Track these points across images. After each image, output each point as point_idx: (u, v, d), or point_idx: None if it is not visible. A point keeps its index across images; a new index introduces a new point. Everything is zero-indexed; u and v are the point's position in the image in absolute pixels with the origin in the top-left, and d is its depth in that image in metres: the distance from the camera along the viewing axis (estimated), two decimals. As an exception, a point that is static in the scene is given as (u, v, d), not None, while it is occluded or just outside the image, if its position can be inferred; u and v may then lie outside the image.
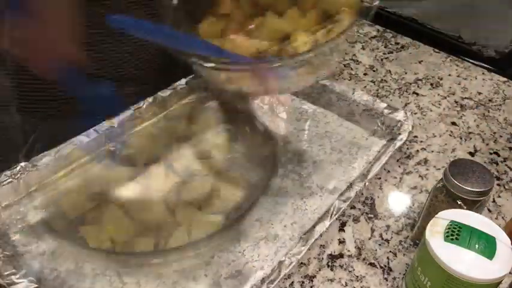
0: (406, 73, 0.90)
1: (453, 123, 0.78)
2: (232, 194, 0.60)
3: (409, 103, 0.82)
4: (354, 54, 0.94)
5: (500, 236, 0.46)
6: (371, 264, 0.56)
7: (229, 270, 0.54)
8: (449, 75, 0.90)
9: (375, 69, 0.90)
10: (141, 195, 0.60)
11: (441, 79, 0.89)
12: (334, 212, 0.56)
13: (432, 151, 0.72)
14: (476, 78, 0.90)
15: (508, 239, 0.45)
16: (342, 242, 0.58)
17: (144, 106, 0.71)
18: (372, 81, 0.87)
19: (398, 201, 0.64)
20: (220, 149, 0.67)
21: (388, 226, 0.60)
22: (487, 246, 0.44)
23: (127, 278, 0.52)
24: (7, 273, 0.48)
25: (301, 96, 0.79)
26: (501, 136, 0.76)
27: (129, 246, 0.54)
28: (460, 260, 0.43)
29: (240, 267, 0.54)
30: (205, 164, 0.64)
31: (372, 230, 0.60)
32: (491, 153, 0.73)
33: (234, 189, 0.60)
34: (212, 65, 0.49)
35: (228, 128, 0.70)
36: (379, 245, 0.58)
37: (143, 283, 0.52)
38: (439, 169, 0.69)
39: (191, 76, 0.77)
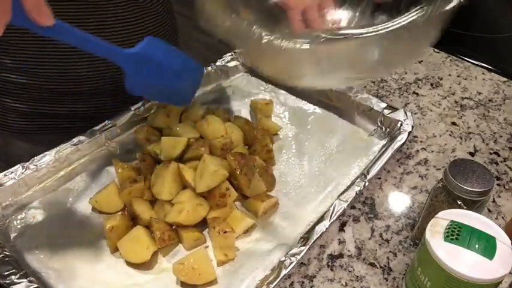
0: (406, 73, 0.90)
1: (453, 123, 0.78)
2: None
3: (409, 103, 0.82)
4: (354, 54, 0.94)
5: (500, 236, 0.45)
6: (371, 264, 0.56)
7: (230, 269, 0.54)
8: (449, 75, 0.90)
9: (375, 69, 0.90)
10: None
11: (441, 79, 0.89)
12: (334, 212, 0.56)
13: (432, 151, 0.72)
14: (476, 78, 0.90)
15: (508, 239, 0.45)
16: (342, 242, 0.58)
17: (144, 106, 0.71)
18: (372, 81, 0.87)
19: (398, 201, 0.64)
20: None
21: (388, 226, 0.60)
22: (487, 246, 0.44)
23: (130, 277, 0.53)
24: (7, 273, 0.48)
25: (302, 97, 0.79)
26: (501, 136, 0.76)
27: None
28: (460, 260, 0.43)
29: (240, 266, 0.54)
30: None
31: (372, 230, 0.60)
32: (491, 153, 0.73)
33: None
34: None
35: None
36: (379, 245, 0.58)
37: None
38: (439, 169, 0.69)
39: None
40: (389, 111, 0.72)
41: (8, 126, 0.75)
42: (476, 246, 0.44)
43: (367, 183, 0.61)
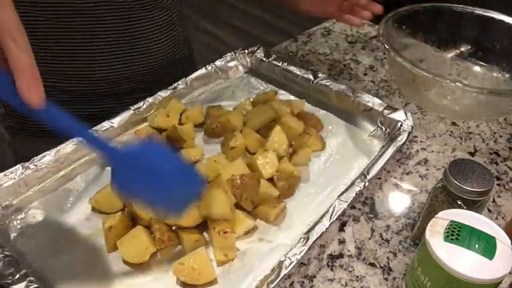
0: (406, 73, 0.90)
1: (453, 123, 0.78)
2: None
3: (409, 103, 0.82)
4: (354, 54, 0.94)
5: (500, 236, 0.45)
6: (371, 264, 0.56)
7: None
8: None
9: (375, 69, 0.90)
10: None
11: (441, 79, 0.89)
12: (334, 212, 0.56)
13: (432, 151, 0.72)
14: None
15: (508, 239, 0.45)
16: (342, 242, 0.58)
17: (144, 106, 0.71)
18: (372, 81, 0.87)
19: (398, 201, 0.64)
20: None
21: (388, 226, 0.60)
22: (487, 246, 0.44)
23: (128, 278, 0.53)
24: (7, 273, 0.48)
25: (302, 97, 0.79)
26: (501, 136, 0.76)
27: None
28: (460, 260, 0.43)
29: (240, 267, 0.54)
30: None
31: (372, 230, 0.60)
32: (491, 153, 0.73)
33: None
34: None
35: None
36: (379, 245, 0.58)
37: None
38: (439, 169, 0.69)
39: (192, 77, 0.77)
40: (390, 111, 0.72)
41: (25, 130, 0.78)
42: (476, 246, 0.44)
43: (367, 183, 0.61)
